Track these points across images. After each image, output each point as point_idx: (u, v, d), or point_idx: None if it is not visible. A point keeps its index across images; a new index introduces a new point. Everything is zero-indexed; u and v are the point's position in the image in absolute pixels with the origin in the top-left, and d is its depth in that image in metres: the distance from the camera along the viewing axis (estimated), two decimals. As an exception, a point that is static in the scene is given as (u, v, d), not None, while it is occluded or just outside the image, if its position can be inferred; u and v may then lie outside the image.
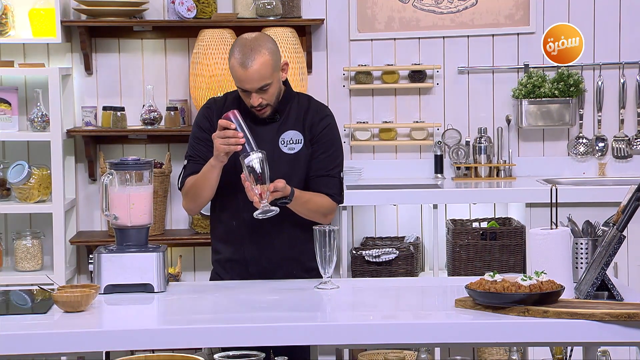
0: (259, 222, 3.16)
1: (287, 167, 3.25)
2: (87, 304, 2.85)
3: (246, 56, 3.14)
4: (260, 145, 3.13)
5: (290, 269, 3.30)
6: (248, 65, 3.13)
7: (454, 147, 5.02)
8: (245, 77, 3.14)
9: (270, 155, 3.13)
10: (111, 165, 3.13)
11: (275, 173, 3.14)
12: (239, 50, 3.17)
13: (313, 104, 3.37)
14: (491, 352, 4.74)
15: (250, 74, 3.13)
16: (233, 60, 3.16)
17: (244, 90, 3.19)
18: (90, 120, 4.93)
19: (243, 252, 3.29)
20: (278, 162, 3.23)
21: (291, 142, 3.27)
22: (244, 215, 3.23)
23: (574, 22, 5.01)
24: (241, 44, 3.18)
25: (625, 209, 2.87)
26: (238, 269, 3.30)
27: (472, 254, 4.62)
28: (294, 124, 3.29)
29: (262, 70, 3.14)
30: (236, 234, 3.29)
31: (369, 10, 5.06)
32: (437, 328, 2.71)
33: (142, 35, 5.00)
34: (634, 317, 2.63)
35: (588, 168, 5.08)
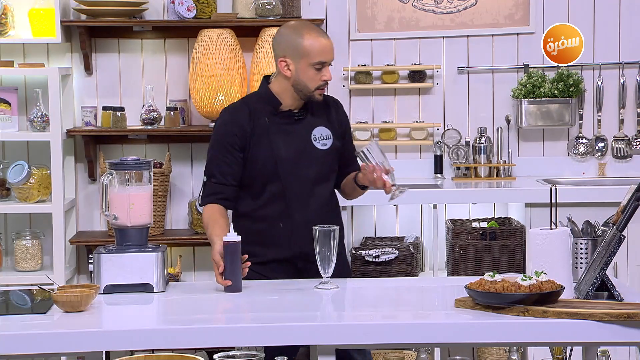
0: (307, 219, 3.29)
1: (321, 164, 3.37)
2: (86, 304, 2.85)
3: (320, 31, 3.36)
4: (295, 143, 3.32)
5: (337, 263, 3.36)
6: (327, 37, 3.34)
7: (454, 147, 5.02)
8: (329, 48, 3.31)
9: (305, 153, 3.31)
10: (111, 165, 3.13)
11: (312, 170, 3.32)
12: (308, 28, 3.34)
13: (327, 97, 3.47)
14: (491, 352, 4.74)
15: (331, 44, 3.35)
16: (310, 37, 3.30)
17: (321, 65, 3.30)
18: (90, 120, 4.93)
19: (293, 251, 3.34)
20: (314, 159, 3.35)
21: (322, 138, 3.38)
22: (294, 215, 3.33)
23: (574, 22, 5.02)
24: (302, 25, 3.38)
25: (625, 209, 2.87)
26: (284, 267, 3.34)
27: (472, 254, 4.62)
28: (319, 120, 3.39)
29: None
30: (285, 234, 3.34)
31: (368, 10, 5.06)
32: (436, 328, 2.71)
33: (141, 35, 5.00)
34: (634, 317, 2.63)
35: (588, 168, 5.08)
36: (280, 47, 3.33)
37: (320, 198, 3.37)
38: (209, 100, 4.81)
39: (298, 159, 3.34)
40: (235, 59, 4.82)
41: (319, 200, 3.37)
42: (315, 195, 3.36)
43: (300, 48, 3.29)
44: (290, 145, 3.34)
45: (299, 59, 3.29)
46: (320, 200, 3.37)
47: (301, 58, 3.29)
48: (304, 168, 3.34)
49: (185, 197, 5.05)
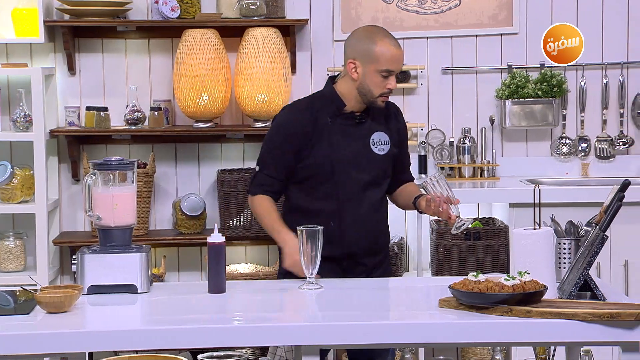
0: (357, 220, 3.39)
1: (378, 168, 3.45)
2: (70, 304, 2.84)
3: (394, 40, 3.39)
4: (353, 145, 3.40)
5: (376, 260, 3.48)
6: (399, 47, 3.39)
7: (438, 148, 5.03)
8: (399, 58, 3.37)
9: (362, 156, 3.39)
10: (94, 165, 3.12)
11: (367, 173, 3.40)
12: (383, 34, 3.38)
13: (388, 104, 3.52)
14: (475, 352, 4.76)
15: (401, 55, 3.39)
16: (382, 43, 3.34)
17: (388, 74, 3.34)
18: (74, 121, 4.91)
19: (342, 250, 3.40)
20: (370, 163, 3.43)
21: (380, 143, 3.45)
22: (345, 215, 3.40)
23: (556, 22, 5.03)
24: (378, 30, 3.42)
25: (608, 209, 2.88)
26: (330, 265, 3.37)
27: (456, 254, 4.63)
28: (378, 125, 3.45)
29: None
30: (335, 233, 3.37)
31: (352, 11, 5.06)
32: (420, 328, 2.72)
33: (125, 35, 4.99)
34: (617, 316, 2.64)
35: (571, 168, 5.10)
36: (352, 49, 3.39)
37: (371, 201, 3.44)
38: (193, 100, 4.80)
39: (354, 161, 3.41)
40: (219, 59, 4.81)
41: (370, 203, 3.44)
42: (366, 198, 3.43)
43: (372, 53, 3.34)
44: (349, 147, 3.42)
45: (368, 64, 3.35)
46: (371, 204, 3.44)
47: (370, 63, 3.35)
48: (359, 171, 3.42)
49: (170, 198, 5.04)
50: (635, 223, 4.51)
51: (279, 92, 4.80)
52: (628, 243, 4.54)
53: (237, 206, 4.80)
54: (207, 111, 4.82)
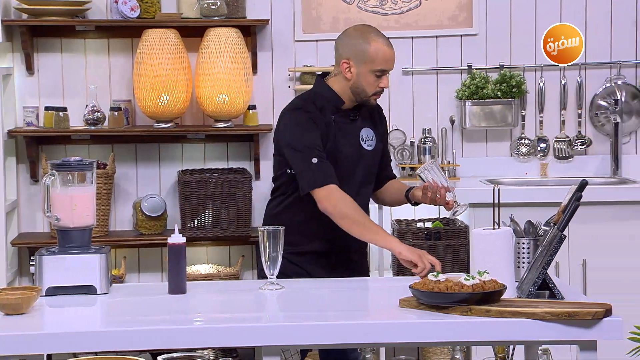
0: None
1: (368, 163, 3.49)
2: (28, 306, 2.82)
3: (387, 41, 3.44)
4: (351, 143, 3.44)
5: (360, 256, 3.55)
6: (391, 46, 3.43)
7: (399, 148, 5.05)
8: (392, 57, 3.42)
9: (357, 153, 3.44)
10: (53, 166, 3.10)
11: (361, 170, 3.45)
12: (376, 34, 3.43)
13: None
14: (435, 351, 4.78)
15: (394, 54, 3.43)
16: (376, 43, 3.40)
17: (381, 73, 3.39)
18: (32, 121, 4.87)
19: (332, 245, 3.43)
20: (363, 159, 3.48)
21: (368, 139, 3.50)
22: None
23: (516, 23, 5.08)
24: (372, 30, 3.46)
25: (566, 209, 2.91)
26: (320, 260, 3.41)
27: (417, 254, 4.64)
28: (365, 122, 3.50)
29: None
30: (328, 227, 3.37)
31: (313, 11, 5.06)
32: (381, 328, 2.72)
33: (85, 35, 4.95)
34: (575, 315, 2.67)
35: (530, 168, 5.14)
36: (345, 49, 3.44)
37: (364, 198, 3.50)
38: (153, 100, 4.77)
39: (351, 158, 3.47)
40: (179, 59, 4.79)
41: (363, 200, 3.49)
42: (360, 194, 3.47)
43: (365, 53, 3.39)
44: (347, 144, 3.47)
45: (362, 64, 3.40)
46: (363, 201, 3.49)
47: (364, 63, 3.39)
48: (355, 167, 3.47)
49: (130, 198, 5.01)
50: (592, 223, 4.56)
51: (239, 93, 4.79)
52: (586, 242, 4.58)
53: (198, 207, 4.78)
54: (168, 111, 4.80)
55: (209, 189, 4.75)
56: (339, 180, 3.39)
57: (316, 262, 3.43)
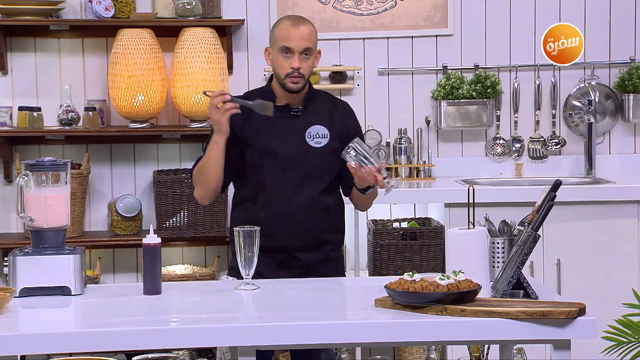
0: (289, 213, 3.39)
1: (316, 160, 3.42)
2: (1, 307, 2.80)
3: (296, 20, 3.43)
4: (287, 138, 3.40)
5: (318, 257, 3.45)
6: (298, 26, 3.41)
7: (375, 148, 5.06)
8: (294, 34, 3.38)
9: (297, 149, 3.39)
10: (27, 166, 3.08)
11: (302, 166, 3.40)
12: (288, 18, 3.49)
13: (336, 100, 3.59)
14: (411, 351, 4.79)
15: (300, 33, 3.39)
16: (281, 24, 3.44)
17: (287, 51, 3.37)
18: (6, 121, 4.84)
19: (272, 243, 3.38)
20: (306, 156, 3.42)
21: (317, 137, 3.43)
22: (274, 206, 3.40)
23: (491, 24, 5.10)
24: (289, 16, 3.51)
25: (540, 208, 2.92)
26: (265, 258, 3.34)
27: (393, 253, 4.66)
28: (320, 119, 3.45)
29: (310, 34, 3.42)
30: (265, 224, 3.33)
31: (289, 11, 5.06)
32: (356, 328, 2.73)
33: (59, 34, 4.92)
34: (549, 315, 2.68)
35: (505, 168, 5.16)
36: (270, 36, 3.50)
37: (310, 195, 3.43)
38: (128, 100, 4.76)
39: (287, 153, 3.41)
40: (155, 59, 4.78)
41: (308, 196, 3.42)
42: (302, 191, 3.42)
43: (273, 36, 3.45)
44: (282, 140, 3.42)
45: (273, 47, 3.45)
46: (309, 197, 3.42)
47: (273, 45, 3.44)
48: (294, 163, 3.41)
49: (105, 199, 4.99)
50: (567, 222, 4.59)
51: (215, 93, 4.78)
52: (560, 242, 4.61)
53: (174, 207, 4.77)
54: (143, 111, 4.78)
55: (185, 189, 4.73)
56: (266, 172, 3.39)
57: (262, 259, 3.38)
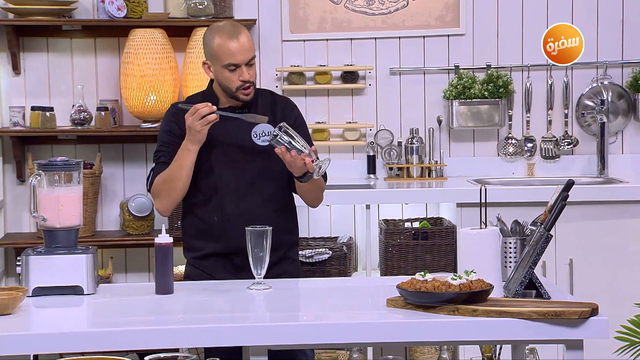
0: (242, 215, 3.30)
1: (264, 159, 3.35)
2: (14, 307, 2.81)
3: (231, 32, 3.31)
4: (234, 139, 3.33)
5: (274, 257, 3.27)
6: (236, 38, 3.29)
7: (386, 148, 5.06)
8: (237, 48, 3.29)
9: (244, 149, 3.31)
10: (39, 166, 3.09)
11: (252, 166, 3.33)
12: (220, 31, 3.32)
13: (277, 97, 3.50)
14: (423, 350, 4.79)
15: (242, 44, 3.30)
16: (218, 39, 3.30)
17: (235, 67, 3.29)
18: (18, 121, 4.85)
19: (228, 246, 3.33)
20: (254, 155, 3.34)
21: (264, 135, 3.34)
22: (227, 209, 3.33)
23: (502, 24, 5.09)
24: (220, 27, 3.35)
25: (553, 208, 2.91)
26: (223, 262, 3.33)
27: (404, 253, 4.65)
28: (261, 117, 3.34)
29: (248, 41, 3.33)
30: (219, 229, 3.32)
31: (301, 11, 5.06)
32: (368, 328, 2.73)
33: (71, 34, 4.94)
34: (561, 315, 2.67)
35: (517, 168, 5.15)
36: (204, 51, 3.39)
37: (262, 195, 3.37)
38: (140, 100, 4.77)
39: (234, 154, 3.35)
40: (166, 59, 4.79)
41: (260, 197, 3.36)
42: (255, 191, 3.36)
43: (212, 51, 3.33)
44: (227, 141, 3.36)
45: (214, 62, 3.34)
46: (262, 197, 3.36)
47: (215, 60, 3.33)
48: (242, 163, 3.36)
49: (117, 198, 5.00)
50: (579, 222, 4.57)
51: (227, 92, 4.79)
52: (572, 242, 4.60)
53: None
54: (155, 111, 4.79)
55: (196, 189, 4.73)
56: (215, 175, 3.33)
57: (219, 265, 3.35)
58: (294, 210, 3.50)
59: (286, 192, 3.44)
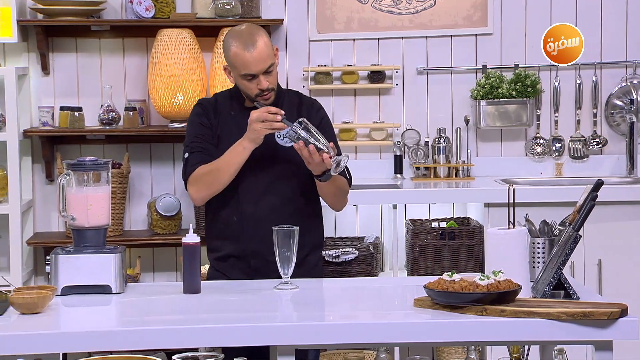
0: (260, 216, 3.28)
1: (285, 160, 3.33)
2: (43, 305, 2.83)
3: (248, 40, 3.25)
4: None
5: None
6: (252, 48, 3.24)
7: (413, 148, 5.05)
8: (252, 59, 3.24)
9: (269, 149, 3.28)
10: (68, 165, 3.11)
11: (272, 166, 3.31)
12: (238, 37, 3.27)
13: (304, 98, 3.48)
14: (450, 351, 4.77)
15: (257, 55, 3.24)
16: (235, 48, 3.26)
17: (251, 77, 3.26)
18: (48, 121, 4.89)
19: (245, 247, 3.31)
20: (275, 155, 3.32)
21: (286, 136, 3.30)
22: (246, 209, 3.31)
23: (531, 23, 5.06)
24: (237, 33, 3.29)
25: (581, 208, 2.90)
26: (240, 264, 3.34)
27: (431, 253, 4.64)
28: (288, 118, 3.29)
29: (266, 50, 3.27)
30: (237, 229, 3.32)
31: (328, 11, 5.06)
32: (396, 328, 2.72)
33: (100, 34, 4.97)
34: (590, 315, 2.66)
35: (545, 168, 5.12)
36: (224, 54, 3.35)
37: (281, 195, 3.34)
38: (168, 100, 4.79)
39: (257, 154, 3.31)
40: (194, 59, 4.80)
41: (279, 198, 3.34)
42: (274, 192, 3.33)
43: (230, 60, 3.30)
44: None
45: (232, 69, 3.32)
46: (281, 199, 3.34)
47: (233, 68, 3.31)
48: (262, 164, 3.33)
49: (145, 198, 5.02)
50: (608, 222, 4.54)
51: (254, 92, 4.80)
52: (601, 242, 4.57)
53: (213, 206, 4.79)
54: (182, 111, 4.81)
55: (224, 188, 4.74)
56: (247, 176, 3.29)
57: (236, 266, 3.34)
58: (317, 213, 3.44)
59: (308, 194, 3.39)
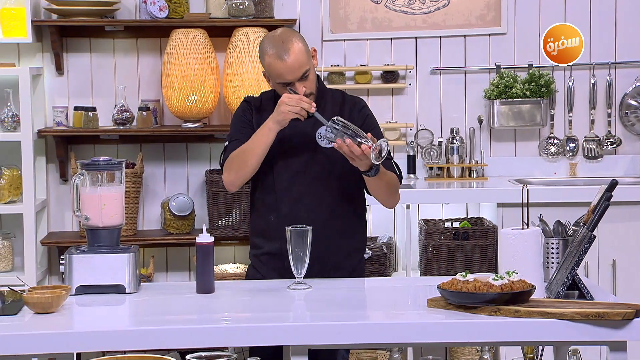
0: (297, 216, 3.25)
1: (326, 161, 3.31)
2: (58, 305, 2.83)
3: (281, 48, 3.23)
4: (298, 140, 3.29)
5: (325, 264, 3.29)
6: (286, 56, 3.23)
7: (427, 148, 5.04)
8: (286, 68, 3.23)
9: (306, 149, 3.29)
10: (82, 165, 3.12)
11: (312, 167, 3.29)
12: (272, 45, 3.26)
13: (347, 97, 3.46)
14: (463, 351, 4.77)
15: (291, 64, 3.23)
16: (268, 57, 3.25)
17: (287, 84, 3.25)
18: (62, 121, 4.90)
19: (280, 247, 3.29)
20: (316, 156, 3.31)
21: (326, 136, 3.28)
22: (283, 210, 3.31)
23: (545, 23, 5.05)
24: (271, 40, 3.28)
25: (596, 209, 2.89)
26: (274, 262, 3.33)
27: (445, 253, 4.64)
28: (330, 118, 3.24)
29: (299, 57, 3.24)
30: (274, 227, 3.32)
31: (341, 11, 5.06)
32: (409, 328, 2.72)
33: (113, 35, 4.98)
34: (604, 316, 2.65)
35: (559, 168, 5.11)
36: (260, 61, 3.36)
37: (319, 198, 3.31)
38: (181, 100, 4.79)
39: (295, 154, 3.31)
40: (207, 59, 4.81)
41: (317, 200, 3.31)
42: (312, 193, 3.31)
43: (266, 67, 3.29)
44: (290, 140, 3.31)
45: (270, 76, 3.31)
46: (318, 201, 3.31)
47: (270, 76, 3.31)
48: (302, 164, 3.32)
49: (158, 198, 5.03)
50: (622, 222, 4.53)
51: (267, 92, 4.80)
52: (616, 243, 4.55)
53: (226, 206, 4.80)
54: (196, 111, 4.82)
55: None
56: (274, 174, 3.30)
57: (270, 264, 3.34)
58: (358, 216, 3.39)
59: (348, 195, 3.36)
